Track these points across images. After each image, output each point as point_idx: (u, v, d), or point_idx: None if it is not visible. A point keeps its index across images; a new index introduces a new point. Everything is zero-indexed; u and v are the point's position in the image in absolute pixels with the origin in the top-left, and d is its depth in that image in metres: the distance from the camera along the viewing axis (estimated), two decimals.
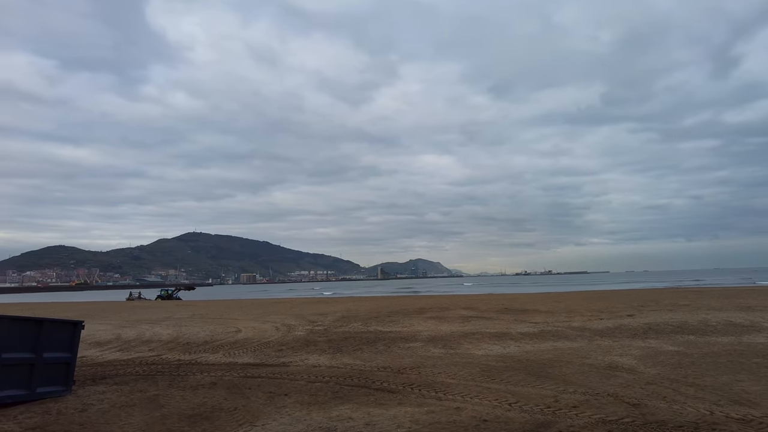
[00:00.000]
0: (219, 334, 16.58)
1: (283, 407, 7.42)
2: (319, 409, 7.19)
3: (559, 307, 22.85)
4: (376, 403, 7.47)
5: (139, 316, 25.33)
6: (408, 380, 8.84)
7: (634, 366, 9.52)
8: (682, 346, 11.56)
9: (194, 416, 7.01)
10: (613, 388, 7.80)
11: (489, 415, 6.59)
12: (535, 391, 7.74)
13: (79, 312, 30.48)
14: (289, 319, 21.10)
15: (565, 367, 9.56)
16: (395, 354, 11.74)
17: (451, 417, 6.57)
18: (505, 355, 11.14)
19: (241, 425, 6.59)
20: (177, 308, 32.58)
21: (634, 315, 18.31)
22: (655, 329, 14.46)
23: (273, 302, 39.15)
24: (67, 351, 8.36)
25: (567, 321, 17.20)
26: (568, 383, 8.23)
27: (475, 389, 8.01)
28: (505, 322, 17.37)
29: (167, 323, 20.54)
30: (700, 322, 15.63)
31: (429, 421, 6.44)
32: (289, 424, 6.58)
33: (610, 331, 14.52)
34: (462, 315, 20.32)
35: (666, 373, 8.76)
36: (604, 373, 8.97)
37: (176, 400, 7.89)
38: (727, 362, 9.62)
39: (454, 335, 14.61)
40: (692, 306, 20.93)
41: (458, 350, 12.04)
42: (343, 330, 16.59)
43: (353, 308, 25.80)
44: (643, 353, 10.89)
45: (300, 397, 7.96)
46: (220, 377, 9.67)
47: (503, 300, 30.02)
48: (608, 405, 6.82)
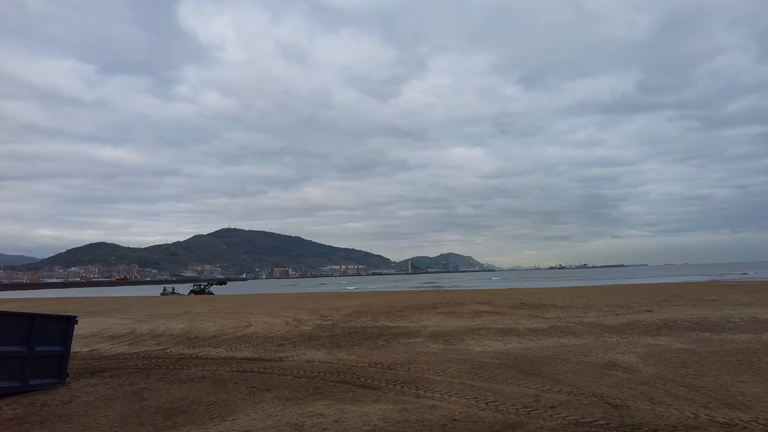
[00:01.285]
0: (229, 328, 16.84)
1: (261, 402, 7.42)
2: (295, 405, 7.16)
3: (578, 302, 22.21)
4: (354, 399, 7.38)
5: (160, 310, 26.04)
6: (394, 377, 8.71)
7: (633, 364, 9.11)
8: (693, 344, 11.00)
9: (171, 410, 7.09)
10: (602, 387, 7.47)
11: (461, 414, 6.40)
12: (519, 390, 7.49)
13: (107, 306, 31.62)
14: (302, 313, 21.25)
15: (560, 365, 9.23)
16: (392, 350, 11.62)
17: (423, 415, 6.42)
18: (503, 352, 10.85)
19: (212, 419, 6.63)
20: (200, 303, 33.36)
21: (653, 310, 17.59)
22: (671, 325, 13.84)
23: (294, 297, 39.59)
24: (60, 345, 8.60)
25: (581, 317, 16.67)
26: (557, 382, 7.93)
27: (457, 387, 7.82)
28: (516, 318, 16.98)
29: (183, 318, 21.02)
30: (722, 318, 14.87)
31: (398, 419, 6.31)
32: (259, 419, 6.57)
33: (623, 327, 13.98)
34: (475, 310, 19.99)
35: (664, 373, 8.33)
36: (599, 371, 8.61)
37: (160, 393, 8.01)
38: (736, 361, 9.09)
39: (459, 331, 14.37)
40: (719, 301, 19.96)
41: (457, 346, 11.83)
42: (350, 325, 16.57)
43: (369, 303, 25.79)
44: (649, 351, 10.41)
45: (281, 392, 7.96)
46: (212, 371, 9.78)
47: (524, 295, 29.41)
48: (588, 406, 6.52)
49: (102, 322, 20.37)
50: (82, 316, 23.61)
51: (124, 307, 29.30)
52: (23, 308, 32.28)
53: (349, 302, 27.30)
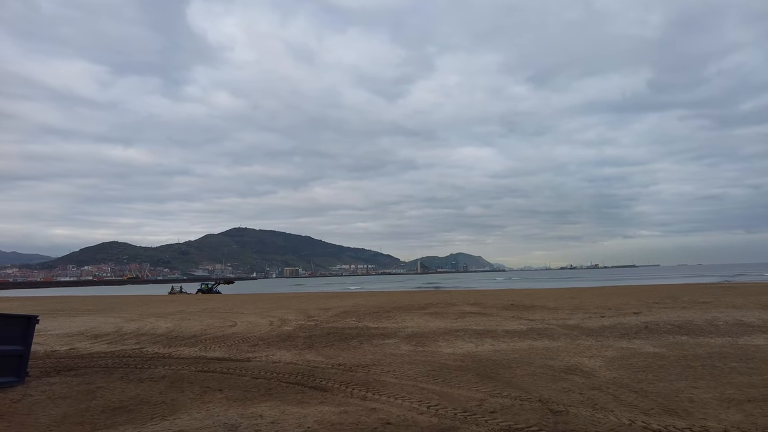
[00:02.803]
0: (212, 328, 16.92)
1: (209, 402, 7.44)
2: (240, 406, 7.16)
3: (569, 303, 21.98)
4: (300, 401, 7.36)
5: (155, 309, 26.28)
6: (351, 379, 8.67)
7: (595, 369, 8.97)
8: (666, 348, 10.82)
9: (118, 409, 7.13)
10: (552, 392, 7.36)
11: (397, 418, 6.35)
12: (467, 394, 7.41)
13: (105, 305, 32.01)
14: (291, 313, 21.30)
15: (521, 369, 9.13)
16: (362, 351, 11.59)
17: (360, 418, 6.38)
18: (470, 354, 10.76)
19: (153, 419, 6.65)
20: (196, 302, 33.61)
21: (641, 312, 17.35)
22: (651, 328, 13.62)
23: (291, 297, 39.72)
24: (20, 344, 8.69)
25: (565, 319, 16.49)
26: (510, 386, 7.84)
27: (408, 390, 7.76)
28: (499, 319, 16.85)
29: (174, 317, 21.18)
30: (707, 321, 14.61)
31: (334, 422, 6.28)
32: (199, 419, 6.58)
33: (603, 329, 13.79)
34: (462, 311, 19.88)
35: (622, 378, 8.20)
36: (557, 375, 8.50)
37: (113, 392, 8.06)
38: (700, 366, 8.91)
39: (437, 332, 14.29)
40: (712, 303, 19.62)
41: (428, 348, 11.76)
42: (332, 326, 16.57)
43: (361, 303, 25.77)
44: (618, 354, 10.26)
45: (232, 393, 7.96)
46: (176, 371, 9.83)
47: (518, 296, 29.19)
48: (529, 411, 6.43)
49: (92, 320, 20.61)
50: (78, 315, 23.94)
51: (121, 306, 29.62)
52: (23, 307, 32.80)
53: (342, 302, 27.31)
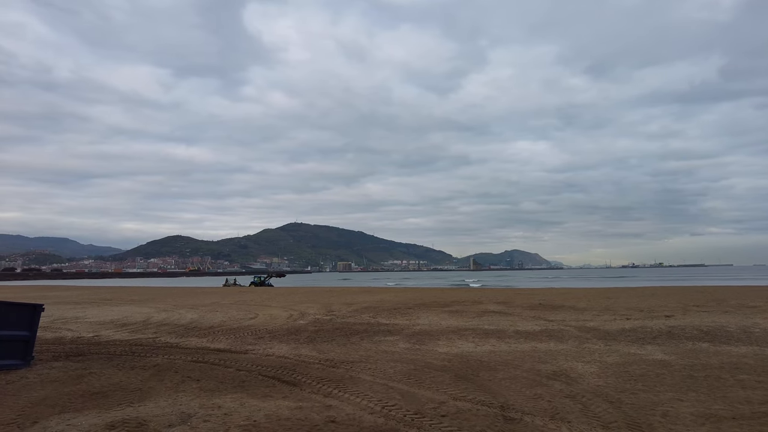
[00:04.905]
0: (232, 320, 17.47)
1: (182, 391, 7.69)
2: (207, 397, 7.34)
3: (601, 304, 20.88)
4: (264, 395, 7.44)
5: (191, 301, 27.49)
6: (328, 375, 8.67)
7: (584, 375, 8.46)
8: (677, 355, 10.04)
9: (96, 394, 7.52)
10: (519, 398, 7.02)
11: (346, 416, 6.27)
12: (431, 396, 7.20)
13: (148, 295, 33.90)
14: (314, 307, 21.62)
15: (505, 372, 8.77)
16: (358, 347, 11.56)
17: (310, 415, 6.36)
18: (463, 355, 10.47)
19: (120, 404, 6.97)
20: (235, 294, 34.82)
21: (673, 316, 16.20)
22: (675, 333, 12.68)
23: (328, 290, 40.31)
24: (26, 330, 9.35)
25: (587, 320, 15.69)
26: (481, 389, 7.55)
27: (375, 389, 7.66)
28: (517, 319, 16.28)
29: (202, 309, 22.06)
30: (741, 327, 13.43)
31: (283, 417, 6.30)
32: (162, 407, 6.81)
33: (619, 333, 13.00)
34: (485, 309, 19.38)
35: (607, 386, 7.68)
36: (538, 381, 8.09)
37: (101, 378, 8.50)
38: (702, 377, 8.20)
39: (446, 330, 14.01)
40: (760, 308, 17.99)
41: (425, 347, 11.55)
42: (346, 321, 16.65)
43: (388, 299, 25.74)
44: (620, 360, 9.63)
45: (207, 383, 8.18)
46: (171, 360, 10.23)
47: (552, 295, 28.07)
48: (481, 417, 6.16)
49: (129, 310, 21.87)
50: (120, 304, 25.47)
51: (163, 297, 31.23)
52: (79, 295, 35.33)
53: (371, 297, 27.40)
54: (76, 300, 29.00)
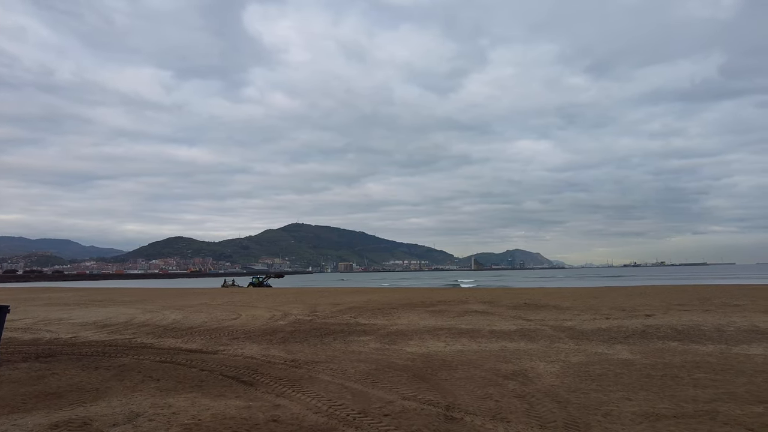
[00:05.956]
0: (213, 321, 17.53)
1: (138, 391, 7.73)
2: (162, 396, 7.39)
3: (586, 303, 20.89)
4: (218, 394, 7.48)
5: (181, 302, 27.57)
6: (287, 375, 8.71)
7: (542, 375, 8.48)
8: (642, 355, 10.04)
9: (51, 394, 7.57)
10: (469, 398, 7.04)
11: (290, 416, 6.31)
12: (381, 395, 7.23)
13: (140, 297, 33.98)
14: (299, 308, 21.66)
15: (464, 371, 8.79)
16: (328, 348, 11.60)
17: (254, 414, 6.40)
18: (428, 354, 10.49)
19: (72, 404, 7.02)
20: (225, 295, 34.92)
21: (653, 315, 16.20)
22: (649, 333, 12.68)
23: (318, 291, 40.39)
24: None
25: (566, 319, 15.69)
26: (434, 389, 7.57)
27: (329, 388, 7.69)
28: (497, 318, 16.29)
29: (188, 310, 22.12)
30: (716, 326, 13.42)
31: (228, 416, 6.35)
32: (113, 406, 6.86)
33: (594, 332, 13.01)
34: (468, 309, 19.41)
35: (561, 385, 7.70)
36: (494, 380, 8.11)
37: (61, 379, 8.56)
38: (661, 376, 8.21)
39: (422, 330, 14.04)
40: (742, 307, 17.98)
41: (394, 346, 11.58)
42: (326, 321, 16.69)
43: (375, 299, 25.78)
44: (584, 360, 9.64)
45: (166, 383, 8.23)
46: (138, 361, 10.28)
47: (540, 294, 28.07)
48: (423, 417, 6.19)
49: (115, 311, 21.94)
50: (109, 305, 25.57)
51: (154, 298, 31.33)
52: (75, 296, 35.41)
53: (359, 298, 27.43)
54: (66, 301, 29.10)
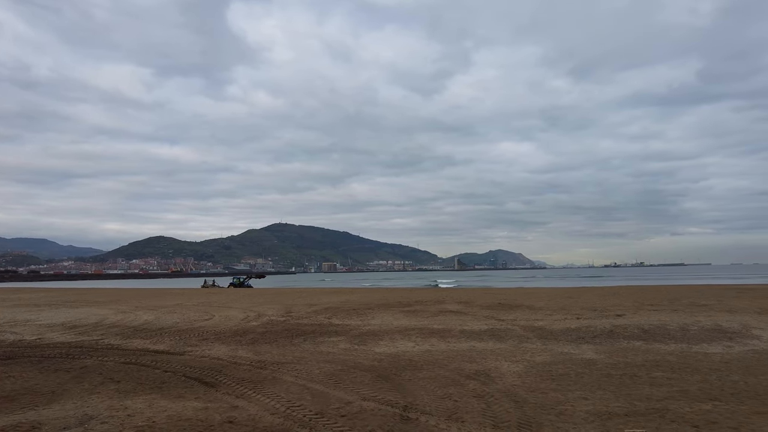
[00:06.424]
0: (185, 321, 17.32)
1: (96, 393, 7.63)
2: (119, 398, 7.30)
3: (559, 303, 21.14)
4: (178, 396, 7.41)
5: (155, 302, 27.18)
6: (251, 376, 8.65)
7: (505, 374, 8.57)
8: (606, 354, 10.22)
9: (3, 398, 7.44)
10: (429, 398, 7.09)
11: (247, 417, 6.27)
12: (341, 396, 7.23)
13: (114, 297, 33.44)
14: (274, 308, 21.53)
15: (428, 371, 8.84)
16: (296, 348, 11.56)
17: (211, 415, 6.35)
18: (396, 354, 10.53)
19: (24, 408, 6.90)
20: (201, 296, 34.54)
21: (623, 315, 16.47)
22: (616, 332, 12.89)
23: (296, 291, 40.24)
24: None
25: (538, 319, 15.87)
26: (395, 389, 7.60)
27: (291, 389, 7.66)
28: (470, 318, 16.40)
29: (162, 310, 21.82)
30: (681, 326, 13.71)
31: (184, 417, 6.29)
32: (66, 410, 6.76)
33: (563, 332, 13.19)
34: (443, 309, 19.49)
35: (522, 385, 7.79)
36: (456, 380, 8.17)
37: (17, 381, 8.39)
38: (620, 375, 8.37)
39: (393, 330, 14.06)
40: (708, 306, 18.39)
41: (363, 347, 11.58)
42: (299, 322, 16.62)
43: (352, 300, 25.75)
44: (548, 360, 9.77)
45: (126, 385, 8.11)
46: (101, 362, 10.12)
47: (515, 294, 28.33)
48: (379, 417, 6.22)
49: (86, 312, 21.54)
50: (81, 306, 25.08)
51: (129, 298, 30.85)
52: (47, 297, 34.66)
53: (337, 298, 27.37)
54: (36, 302, 28.46)
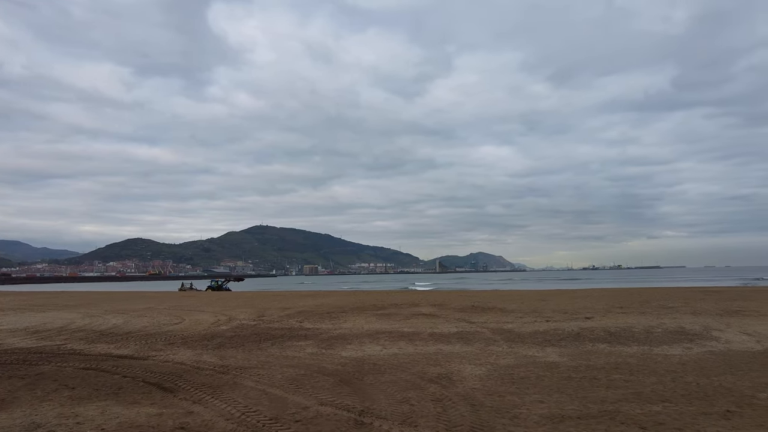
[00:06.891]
0: (154, 325, 17.03)
1: (48, 401, 7.45)
2: (71, 405, 7.14)
3: (531, 306, 21.39)
4: (133, 401, 7.28)
5: (126, 305, 26.67)
6: (212, 381, 8.55)
7: (467, 378, 8.63)
8: (570, 357, 10.37)
9: None
10: (387, 402, 7.09)
11: (200, 423, 6.19)
12: (300, 401, 7.19)
13: (85, 300, 32.71)
14: (246, 312, 21.32)
15: (390, 375, 8.85)
16: (263, 353, 11.46)
17: (163, 421, 6.25)
18: (361, 358, 10.52)
19: None
20: (175, 299, 34.06)
21: (592, 318, 16.74)
22: (583, 335, 13.09)
23: (272, 295, 39.96)
24: None
25: (507, 322, 16.03)
26: (355, 393, 7.59)
27: (250, 394, 7.59)
28: (441, 321, 16.48)
29: (132, 314, 21.43)
30: (646, 328, 13.99)
31: (136, 424, 6.18)
32: (14, 418, 6.59)
33: (530, 335, 13.34)
34: (416, 312, 19.55)
35: (480, 389, 7.85)
36: (418, 384, 8.19)
37: None
38: (580, 378, 8.49)
39: (363, 334, 14.05)
40: (675, 309, 18.82)
41: (331, 351, 11.54)
42: (270, 326, 16.49)
43: (327, 303, 25.64)
44: (512, 363, 9.87)
45: (81, 391, 7.94)
46: (59, 368, 9.88)
47: (489, 297, 28.56)
48: (333, 422, 6.20)
49: (53, 316, 21.02)
50: (49, 310, 24.45)
51: (98, 302, 30.22)
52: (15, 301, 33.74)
53: (312, 302, 27.23)
54: (1, 307, 27.66)
